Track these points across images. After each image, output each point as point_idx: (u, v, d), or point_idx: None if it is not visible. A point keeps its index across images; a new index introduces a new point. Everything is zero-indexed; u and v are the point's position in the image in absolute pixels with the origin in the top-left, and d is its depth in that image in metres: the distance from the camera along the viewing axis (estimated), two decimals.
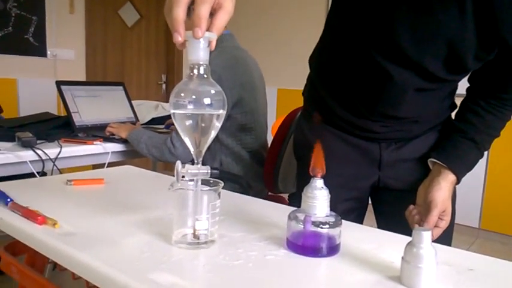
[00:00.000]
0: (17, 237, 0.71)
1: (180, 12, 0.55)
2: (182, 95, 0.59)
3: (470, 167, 0.94)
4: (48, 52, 3.39)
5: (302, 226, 0.62)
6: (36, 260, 0.90)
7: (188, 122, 0.60)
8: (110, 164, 1.61)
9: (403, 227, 0.92)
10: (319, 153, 0.64)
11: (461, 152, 0.94)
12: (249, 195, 1.50)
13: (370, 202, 1.10)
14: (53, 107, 3.31)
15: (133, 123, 1.92)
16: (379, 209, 1.08)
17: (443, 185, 0.90)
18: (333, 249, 0.63)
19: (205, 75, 0.60)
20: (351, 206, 1.04)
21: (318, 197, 0.62)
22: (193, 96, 0.59)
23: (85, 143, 1.56)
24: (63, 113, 1.80)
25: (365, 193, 1.06)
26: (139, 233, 0.67)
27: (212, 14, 0.57)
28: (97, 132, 1.72)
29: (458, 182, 0.94)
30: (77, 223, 0.71)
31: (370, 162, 1.00)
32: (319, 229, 0.62)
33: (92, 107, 1.84)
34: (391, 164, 1.00)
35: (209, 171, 0.63)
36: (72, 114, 1.74)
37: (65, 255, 0.61)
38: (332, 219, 0.63)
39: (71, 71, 3.59)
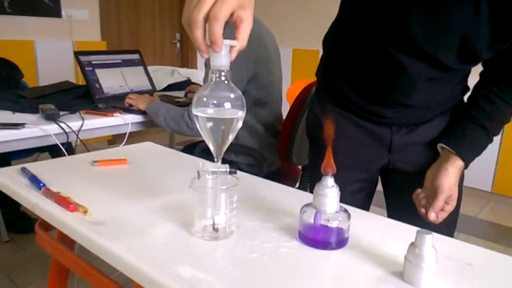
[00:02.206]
0: (51, 223, 0.78)
1: (199, 34, 0.57)
2: (204, 99, 0.63)
3: (479, 153, 0.97)
4: (63, 12, 3.39)
5: (313, 221, 0.67)
6: (67, 236, 0.98)
7: (209, 125, 0.63)
8: (129, 134, 1.67)
9: (411, 208, 0.97)
10: (330, 153, 0.67)
11: (471, 138, 0.96)
12: (263, 167, 1.57)
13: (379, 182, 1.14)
14: (70, 68, 3.35)
15: (151, 92, 1.96)
16: (389, 190, 1.12)
17: (450, 171, 0.93)
18: (341, 242, 0.68)
19: (226, 81, 0.63)
20: (360, 187, 1.08)
21: (329, 195, 0.66)
22: (215, 101, 0.63)
23: (105, 115, 1.62)
24: (81, 80, 1.84)
25: (375, 174, 1.10)
26: (163, 221, 0.73)
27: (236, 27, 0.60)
28: (116, 102, 1.77)
29: (466, 167, 0.96)
30: (105, 210, 0.77)
31: (381, 145, 1.03)
32: (329, 224, 0.67)
33: (110, 76, 1.87)
34: (401, 147, 1.02)
35: (228, 169, 0.68)
36: (92, 85, 1.78)
37: (95, 244, 0.67)
38: (341, 215, 0.67)
39: (86, 31, 3.59)
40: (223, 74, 0.62)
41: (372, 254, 0.66)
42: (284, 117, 1.62)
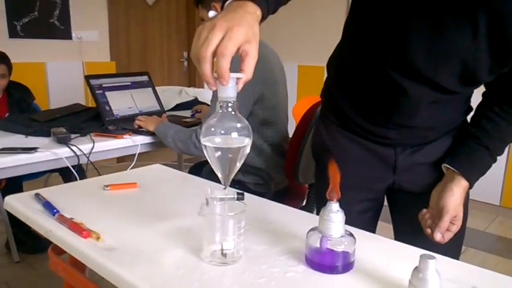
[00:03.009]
0: (65, 249, 0.80)
1: (207, 69, 0.60)
2: (212, 129, 0.66)
3: (483, 173, 0.98)
4: (74, 34, 3.47)
5: (319, 246, 0.69)
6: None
7: (218, 154, 0.66)
8: (138, 157, 1.71)
9: (418, 228, 0.98)
10: (335, 178, 0.69)
11: (475, 158, 0.97)
12: (270, 186, 1.58)
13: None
14: (80, 89, 3.42)
15: (159, 113, 1.99)
16: (395, 209, 1.13)
17: (455, 191, 0.95)
18: (347, 266, 0.69)
19: (232, 112, 0.65)
20: (366, 207, 1.10)
21: (334, 220, 0.68)
22: (222, 131, 0.65)
23: (115, 137, 1.65)
24: (91, 101, 1.89)
25: (380, 194, 1.11)
26: (173, 246, 0.75)
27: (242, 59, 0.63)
28: (126, 123, 1.80)
29: (471, 187, 0.98)
30: (117, 235, 0.80)
31: (385, 166, 1.05)
32: (334, 249, 0.68)
33: (120, 98, 1.92)
34: (406, 168, 1.04)
35: (235, 195, 0.70)
36: (102, 107, 1.82)
37: (108, 270, 0.69)
38: (347, 239, 0.69)
39: (96, 52, 3.67)
40: (230, 104, 0.65)
41: (377, 278, 0.67)
42: (290, 135, 1.65)
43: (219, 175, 0.69)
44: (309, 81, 3.82)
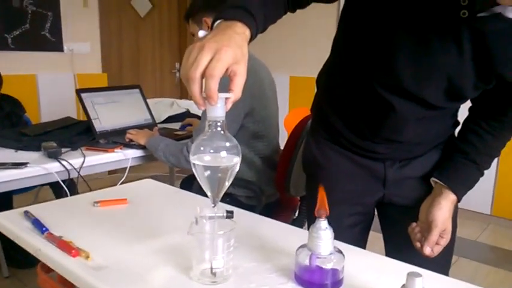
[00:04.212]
0: (54, 268, 0.80)
1: (196, 89, 0.61)
2: (201, 148, 0.66)
3: (470, 187, 0.99)
4: (65, 47, 3.47)
5: (308, 263, 0.69)
6: None
7: (207, 173, 0.66)
8: (129, 168, 1.70)
9: (408, 241, 0.99)
10: (323, 196, 0.70)
11: (462, 172, 0.98)
12: (261, 199, 1.59)
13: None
14: (71, 101, 3.41)
15: (151, 126, 1.99)
16: (385, 223, 1.14)
17: (443, 205, 0.96)
18: (336, 283, 0.70)
19: (222, 131, 0.66)
20: (356, 220, 1.10)
21: (323, 237, 0.68)
22: (211, 151, 0.66)
23: (106, 151, 1.65)
24: (81, 115, 1.89)
25: (370, 208, 1.12)
26: (162, 265, 0.75)
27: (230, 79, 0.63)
28: (117, 137, 1.80)
29: (459, 200, 0.99)
30: (106, 254, 0.79)
31: (375, 180, 1.06)
32: (323, 266, 0.69)
33: (111, 112, 1.92)
34: (396, 181, 1.05)
35: (224, 214, 0.70)
36: (93, 121, 1.82)
37: None
38: (336, 256, 0.69)
39: (87, 64, 3.67)
40: (219, 124, 0.66)
41: None
42: (282, 147, 1.65)
43: (208, 194, 0.69)
44: (300, 92, 3.85)
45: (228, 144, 0.66)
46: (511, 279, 2.38)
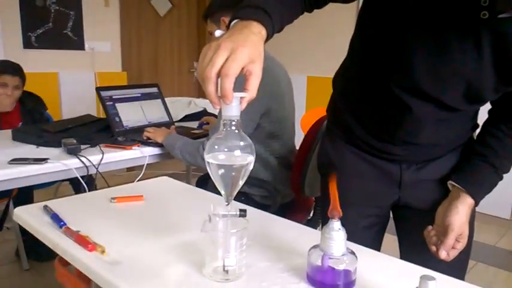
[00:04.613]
0: (71, 262, 0.81)
1: (211, 89, 0.62)
2: (216, 147, 0.67)
3: (488, 190, 0.97)
4: (86, 45, 3.54)
5: (320, 264, 0.69)
6: None
7: (220, 171, 0.67)
8: (147, 165, 1.72)
9: (423, 245, 0.98)
10: (336, 196, 0.69)
11: (480, 176, 0.97)
12: (276, 199, 1.59)
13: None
14: (92, 99, 3.47)
15: (168, 124, 2.02)
16: (400, 225, 1.12)
17: (460, 209, 0.94)
18: (348, 284, 0.69)
19: (236, 130, 0.66)
20: (371, 222, 1.10)
21: (335, 238, 0.68)
22: (225, 149, 0.66)
23: (124, 148, 1.67)
24: (101, 113, 1.92)
25: (386, 210, 1.11)
26: (176, 261, 0.76)
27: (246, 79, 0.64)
28: (135, 135, 1.83)
29: (476, 204, 0.97)
30: (122, 249, 0.81)
31: (391, 182, 1.05)
32: (336, 267, 0.68)
33: (130, 110, 1.95)
34: (412, 184, 1.04)
35: (238, 212, 0.71)
36: (112, 119, 1.85)
37: (111, 285, 0.70)
38: (348, 257, 0.69)
39: (108, 62, 3.73)
40: (233, 123, 0.66)
41: None
42: (297, 148, 1.65)
43: (222, 192, 0.70)
44: (318, 93, 3.83)
45: (242, 143, 0.67)
46: None
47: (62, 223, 0.90)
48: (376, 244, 1.11)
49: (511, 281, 2.39)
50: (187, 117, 2.38)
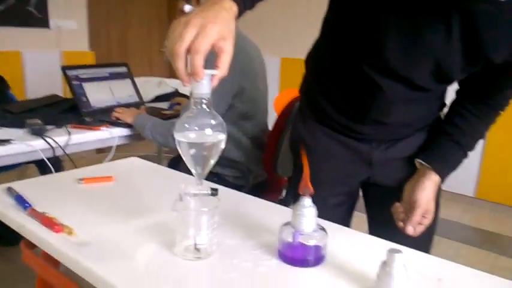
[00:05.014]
0: (37, 244, 0.79)
1: (181, 65, 0.60)
2: (186, 125, 0.65)
3: (454, 168, 1.00)
4: (51, 23, 3.39)
5: (291, 240, 0.70)
6: None
7: (191, 150, 0.66)
8: (116, 147, 1.69)
9: (391, 221, 1.00)
10: (307, 174, 0.70)
11: (447, 154, 0.99)
12: (249, 179, 1.59)
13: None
14: (57, 79, 3.34)
15: (138, 105, 1.97)
16: (369, 203, 1.15)
17: (427, 186, 0.97)
18: (319, 259, 0.71)
19: (207, 109, 0.65)
20: (341, 200, 1.12)
21: (306, 215, 0.69)
22: (196, 128, 0.65)
23: (92, 129, 1.63)
24: (68, 93, 1.86)
25: (355, 188, 1.13)
26: (147, 241, 0.75)
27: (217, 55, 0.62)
28: (103, 115, 1.78)
29: (442, 181, 1.00)
30: (90, 230, 0.79)
31: (361, 160, 1.06)
32: (306, 243, 0.69)
33: (98, 90, 1.89)
34: (381, 163, 1.06)
35: (209, 191, 0.70)
36: (79, 99, 1.79)
37: (80, 265, 0.69)
38: (318, 233, 0.70)
39: (74, 41, 3.60)
40: (204, 101, 0.65)
41: (347, 271, 0.68)
42: (270, 129, 1.65)
43: (193, 171, 0.69)
44: (291, 74, 3.81)
45: (213, 121, 0.66)
46: (491, 259, 2.45)
47: (27, 205, 0.87)
48: (345, 222, 1.14)
49: (473, 254, 2.50)
50: (158, 98, 2.34)
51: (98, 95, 1.88)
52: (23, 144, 1.42)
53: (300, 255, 0.70)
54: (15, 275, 2.06)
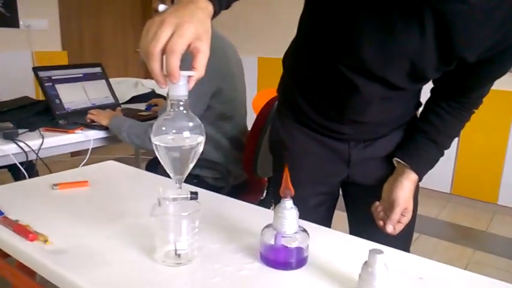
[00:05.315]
0: (10, 253, 0.76)
1: (156, 66, 0.59)
2: (163, 129, 0.64)
3: (431, 166, 1.02)
4: (21, 22, 3.29)
5: (273, 242, 0.69)
6: None
7: (169, 154, 0.65)
8: (92, 150, 1.65)
9: (371, 220, 1.01)
10: (288, 176, 0.69)
11: (423, 152, 1.01)
12: (228, 180, 1.58)
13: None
14: (29, 81, 3.25)
15: (114, 106, 1.94)
16: (349, 202, 1.16)
17: (405, 184, 0.98)
18: (301, 261, 0.70)
19: (184, 111, 0.64)
20: (322, 200, 1.12)
21: (287, 217, 0.69)
22: (174, 131, 0.64)
23: (66, 132, 1.59)
24: (40, 95, 1.80)
25: (335, 188, 1.13)
26: (126, 248, 0.74)
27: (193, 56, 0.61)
28: (78, 117, 1.74)
29: (420, 180, 1.01)
30: (66, 237, 0.77)
31: (340, 160, 1.07)
32: (288, 245, 0.69)
33: (71, 91, 1.84)
34: (359, 162, 1.06)
35: (189, 195, 0.69)
36: (52, 100, 1.74)
37: (57, 275, 0.67)
38: (300, 235, 0.70)
39: (46, 41, 3.50)
40: (181, 103, 0.64)
41: (329, 272, 0.68)
42: (249, 129, 1.65)
43: (172, 175, 0.67)
44: (269, 74, 3.83)
45: (191, 123, 0.65)
46: (467, 254, 2.51)
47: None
48: (326, 222, 1.14)
49: (450, 249, 2.56)
50: (134, 99, 2.30)
51: (71, 96, 1.83)
52: None
53: (282, 258, 0.69)
54: None
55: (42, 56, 3.43)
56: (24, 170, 1.45)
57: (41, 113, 1.75)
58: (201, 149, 0.66)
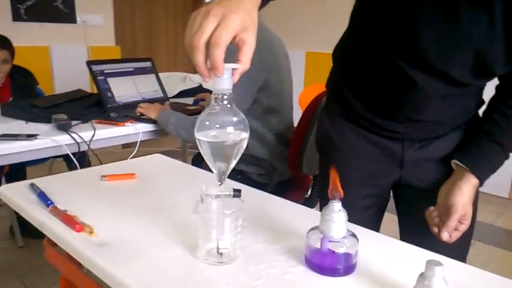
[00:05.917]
0: (57, 242, 0.78)
1: (200, 59, 0.56)
2: (207, 123, 0.62)
3: (494, 170, 0.94)
4: (78, 18, 3.43)
5: (320, 247, 0.65)
6: None
7: (213, 150, 0.62)
8: (141, 142, 1.68)
9: (424, 225, 0.95)
10: (336, 177, 0.65)
11: (486, 155, 0.93)
12: (273, 177, 1.55)
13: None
14: (85, 74, 3.38)
15: (162, 100, 1.96)
16: (401, 206, 1.09)
17: (464, 189, 0.91)
18: (349, 268, 0.66)
19: (228, 105, 0.62)
20: (370, 202, 1.06)
21: (335, 220, 0.64)
22: (217, 126, 0.62)
23: (117, 125, 1.62)
24: (95, 88, 1.86)
25: (386, 190, 1.07)
26: (168, 243, 0.73)
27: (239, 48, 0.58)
28: (128, 110, 1.77)
29: (481, 185, 0.93)
30: (111, 230, 0.77)
31: (392, 160, 1.01)
32: (336, 250, 0.65)
33: (122, 85, 1.89)
34: (414, 163, 1.00)
35: (232, 192, 0.67)
36: (104, 94, 1.79)
37: (100, 267, 0.67)
38: (349, 240, 0.66)
39: (101, 36, 3.63)
40: (225, 97, 0.61)
41: (380, 282, 0.64)
42: (295, 124, 1.61)
43: (214, 171, 0.65)
44: (316, 69, 3.76)
45: (235, 118, 0.62)
46: None
47: (49, 202, 0.86)
48: (374, 225, 1.08)
49: (507, 259, 2.39)
50: (182, 93, 2.32)
51: (122, 90, 1.87)
52: (49, 140, 1.43)
53: (328, 264, 0.65)
54: (41, 267, 2.10)
55: (97, 50, 3.57)
56: (76, 160, 1.50)
57: (94, 105, 1.80)
58: (244, 145, 0.64)
